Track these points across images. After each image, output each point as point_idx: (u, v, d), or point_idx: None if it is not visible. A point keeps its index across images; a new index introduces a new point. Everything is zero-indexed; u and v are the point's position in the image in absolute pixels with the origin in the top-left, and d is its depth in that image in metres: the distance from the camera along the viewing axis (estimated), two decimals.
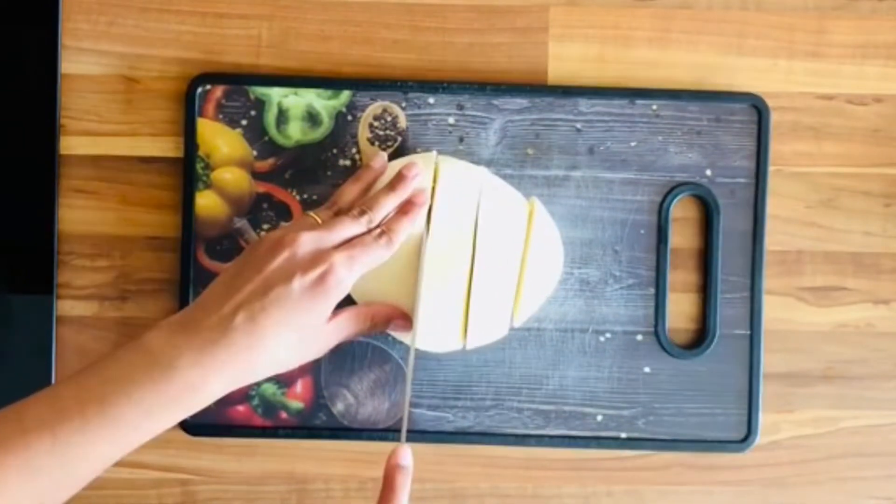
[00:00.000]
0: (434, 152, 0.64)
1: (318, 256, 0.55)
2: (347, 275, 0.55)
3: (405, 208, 0.60)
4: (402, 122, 0.67)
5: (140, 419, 0.50)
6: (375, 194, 0.61)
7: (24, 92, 0.67)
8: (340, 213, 0.60)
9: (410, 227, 0.60)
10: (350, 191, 0.62)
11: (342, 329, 0.58)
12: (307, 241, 0.55)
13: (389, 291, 0.61)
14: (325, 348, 0.58)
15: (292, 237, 0.55)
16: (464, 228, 0.62)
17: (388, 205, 0.60)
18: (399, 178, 0.61)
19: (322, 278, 0.54)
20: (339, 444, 0.67)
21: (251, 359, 0.53)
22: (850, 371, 0.69)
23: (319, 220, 0.58)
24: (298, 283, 0.54)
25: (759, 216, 0.67)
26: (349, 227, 0.58)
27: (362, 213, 0.59)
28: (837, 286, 0.69)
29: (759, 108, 0.67)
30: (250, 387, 0.66)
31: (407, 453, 0.56)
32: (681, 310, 0.68)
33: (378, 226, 0.59)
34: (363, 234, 0.58)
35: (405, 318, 0.61)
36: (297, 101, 0.66)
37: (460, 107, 0.67)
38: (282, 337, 0.53)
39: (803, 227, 0.69)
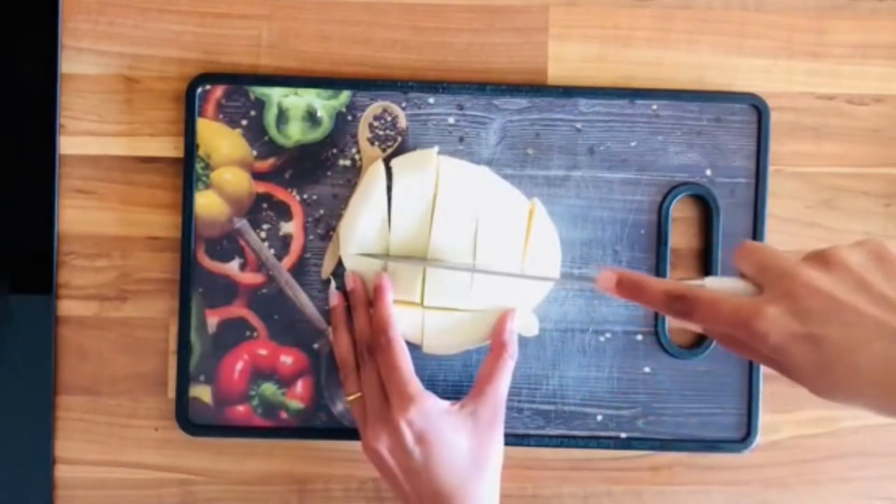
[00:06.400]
0: (435, 148, 0.65)
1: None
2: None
3: None
4: (402, 122, 0.67)
5: None
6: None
7: (24, 92, 0.67)
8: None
9: None
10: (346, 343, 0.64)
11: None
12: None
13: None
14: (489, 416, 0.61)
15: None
16: (465, 228, 0.62)
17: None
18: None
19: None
20: (339, 444, 0.67)
21: None
22: None
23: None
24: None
25: (759, 216, 0.67)
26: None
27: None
28: None
29: (759, 108, 0.67)
30: (250, 387, 0.66)
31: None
32: None
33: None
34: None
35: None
36: (297, 101, 0.66)
37: (460, 107, 0.67)
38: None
39: (803, 227, 0.69)
